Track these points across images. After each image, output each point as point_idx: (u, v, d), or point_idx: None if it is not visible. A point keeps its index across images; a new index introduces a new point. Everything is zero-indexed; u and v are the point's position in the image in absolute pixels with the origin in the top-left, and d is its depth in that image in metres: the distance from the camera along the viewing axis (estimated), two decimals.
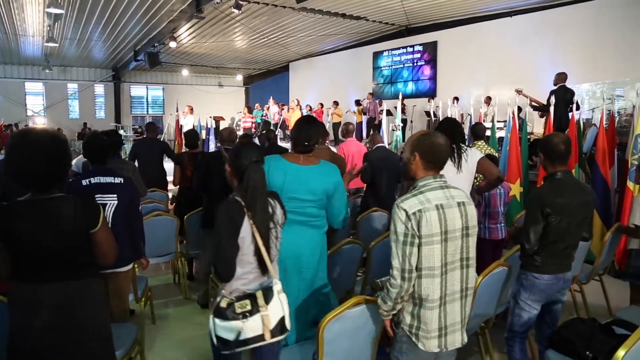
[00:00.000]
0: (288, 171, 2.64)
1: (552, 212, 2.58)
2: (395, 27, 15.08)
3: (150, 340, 3.73)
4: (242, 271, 2.14)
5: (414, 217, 1.96)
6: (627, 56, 9.12)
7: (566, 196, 2.62)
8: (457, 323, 2.08)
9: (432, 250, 1.97)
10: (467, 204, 2.08)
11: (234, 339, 2.04)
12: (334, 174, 2.78)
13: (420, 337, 2.04)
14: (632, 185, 4.69)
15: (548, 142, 2.74)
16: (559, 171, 2.69)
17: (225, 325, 2.04)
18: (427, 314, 2.02)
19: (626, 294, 3.94)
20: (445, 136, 2.13)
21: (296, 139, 2.75)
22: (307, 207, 2.68)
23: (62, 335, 2.01)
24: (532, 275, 2.71)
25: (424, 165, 2.10)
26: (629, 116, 7.66)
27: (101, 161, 3.14)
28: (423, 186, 2.06)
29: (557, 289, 2.76)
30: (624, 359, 1.94)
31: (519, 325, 2.81)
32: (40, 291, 1.98)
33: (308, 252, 2.72)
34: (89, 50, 16.78)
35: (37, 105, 20.33)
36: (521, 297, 2.77)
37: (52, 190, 2.01)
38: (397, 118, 9.56)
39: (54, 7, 9.55)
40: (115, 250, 2.20)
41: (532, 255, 2.70)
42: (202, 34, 14.65)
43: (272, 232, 2.19)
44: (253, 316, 2.04)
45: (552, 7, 11.38)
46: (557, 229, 2.62)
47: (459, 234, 2.03)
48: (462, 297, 2.08)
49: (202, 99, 20.43)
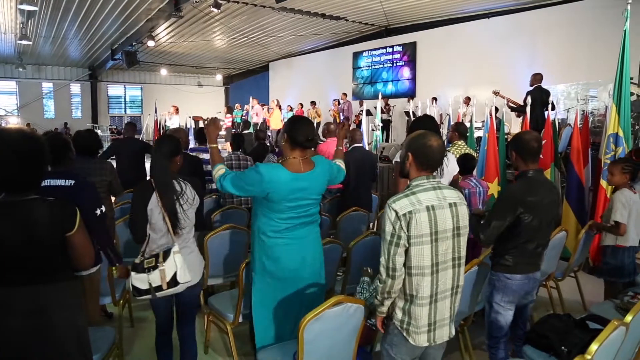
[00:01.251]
0: (292, 183, 2.60)
1: (524, 210, 2.58)
2: (375, 28, 15.17)
3: (129, 343, 3.68)
4: (155, 236, 2.66)
5: (403, 218, 1.99)
6: (600, 58, 9.33)
7: (538, 195, 2.63)
8: (446, 318, 2.14)
9: (421, 250, 2.01)
10: (458, 205, 2.12)
11: (145, 288, 2.54)
12: (328, 169, 2.84)
13: (411, 332, 2.09)
14: (605, 183, 4.80)
15: (520, 140, 2.73)
16: (531, 169, 2.69)
17: (137, 277, 2.55)
18: (418, 311, 2.07)
19: (600, 289, 4.05)
20: (440, 137, 2.14)
21: (295, 138, 2.63)
22: (310, 208, 2.75)
23: (37, 339, 1.96)
24: (504, 276, 2.71)
25: (416, 166, 2.13)
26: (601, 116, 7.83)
27: (58, 163, 2.99)
28: (416, 186, 2.09)
29: (528, 289, 2.78)
30: (596, 353, 1.99)
31: (497, 328, 2.78)
32: (13, 294, 1.93)
33: (312, 251, 2.82)
34: (65, 48, 16.43)
35: (10, 105, 19.82)
36: (495, 299, 2.76)
37: (27, 192, 1.96)
38: (377, 118, 9.61)
39: (27, 3, 9.35)
40: (92, 254, 2.15)
41: (504, 256, 2.70)
42: (181, 33, 14.50)
43: (181, 207, 2.63)
44: (155, 271, 2.52)
45: (528, 9, 11.59)
46: (528, 227, 2.62)
47: (450, 234, 2.07)
48: (452, 295, 2.14)
49: (181, 98, 20.20)
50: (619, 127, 4.82)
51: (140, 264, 2.58)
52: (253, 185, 2.58)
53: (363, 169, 4.94)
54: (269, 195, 2.59)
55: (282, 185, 2.57)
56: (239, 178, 2.64)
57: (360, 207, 4.67)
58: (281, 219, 2.66)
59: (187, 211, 2.67)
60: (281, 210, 2.64)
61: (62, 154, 3.06)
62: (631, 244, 3.72)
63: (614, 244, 3.77)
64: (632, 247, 3.74)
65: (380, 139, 9.70)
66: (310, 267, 2.81)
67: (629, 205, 3.64)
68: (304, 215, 2.71)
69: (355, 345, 2.46)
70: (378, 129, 9.39)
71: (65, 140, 3.19)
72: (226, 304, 3.33)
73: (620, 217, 3.64)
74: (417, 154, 2.11)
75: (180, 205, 2.63)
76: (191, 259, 2.72)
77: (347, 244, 3.55)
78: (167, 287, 2.54)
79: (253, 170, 2.60)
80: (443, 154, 2.14)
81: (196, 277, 2.76)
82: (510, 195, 2.69)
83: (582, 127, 5.67)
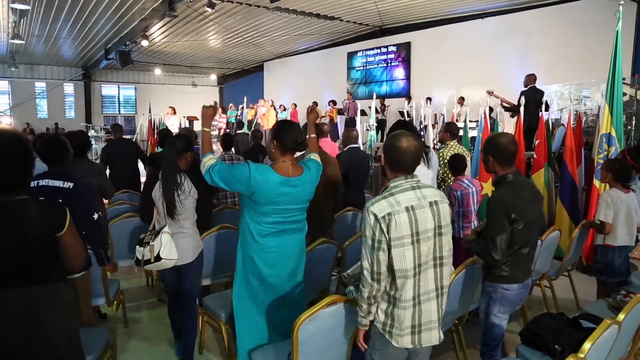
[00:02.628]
0: (279, 186, 2.59)
1: (516, 216, 2.47)
2: (370, 28, 15.18)
3: (123, 344, 3.66)
4: (159, 218, 3.07)
5: (383, 221, 1.94)
6: (593, 58, 9.39)
7: (524, 198, 2.54)
8: (433, 321, 2.08)
9: (403, 252, 1.95)
10: (439, 203, 2.05)
11: (141, 259, 2.97)
12: (316, 176, 2.81)
13: (394, 334, 2.04)
14: (599, 183, 4.83)
15: (497, 144, 2.60)
16: (510, 173, 2.58)
17: (138, 249, 3.00)
18: (401, 313, 2.02)
19: (593, 288, 4.07)
20: (416, 139, 2.05)
21: (284, 143, 2.63)
22: (296, 214, 2.73)
23: (28, 341, 1.94)
24: (502, 287, 2.60)
25: (389, 167, 2.09)
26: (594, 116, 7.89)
27: (55, 163, 3.04)
28: (394, 187, 2.03)
29: (522, 296, 2.74)
30: (589, 351, 2.00)
31: (493, 339, 2.73)
32: (4, 296, 1.92)
33: (296, 257, 2.82)
34: (58, 48, 16.31)
35: (3, 105, 19.66)
36: (492, 311, 2.66)
37: (16, 192, 1.94)
38: (371, 118, 9.63)
39: (19, 2, 9.26)
40: (83, 255, 2.14)
41: (500, 267, 2.56)
42: (175, 33, 14.44)
43: (178, 197, 2.95)
44: (147, 246, 2.93)
45: (521, 9, 11.63)
46: (521, 233, 2.52)
47: (431, 234, 2.01)
48: (437, 296, 2.08)
49: (175, 98, 20.11)
50: (612, 127, 4.86)
51: (142, 239, 3.00)
52: (240, 181, 2.57)
53: (358, 170, 4.94)
54: (254, 195, 2.58)
55: (268, 187, 2.56)
56: (228, 171, 2.62)
57: (354, 207, 4.67)
58: (267, 222, 2.65)
59: (183, 200, 2.98)
60: (266, 212, 2.63)
61: (60, 154, 3.08)
62: (621, 243, 3.73)
63: (602, 243, 3.79)
64: (623, 246, 3.75)
65: (375, 139, 9.71)
66: (292, 276, 2.82)
67: (615, 204, 3.66)
68: (290, 221, 2.71)
69: (349, 345, 2.45)
70: (372, 129, 9.40)
71: (63, 141, 3.20)
72: (220, 304, 3.33)
73: (604, 217, 3.67)
74: (387, 155, 2.07)
75: (178, 195, 2.95)
76: (184, 242, 3.04)
77: (342, 244, 3.55)
78: (154, 261, 2.91)
79: (244, 165, 2.59)
80: (415, 156, 2.04)
81: (187, 258, 3.07)
82: (499, 205, 2.52)
83: (575, 127, 5.70)
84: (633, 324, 2.55)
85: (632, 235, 3.76)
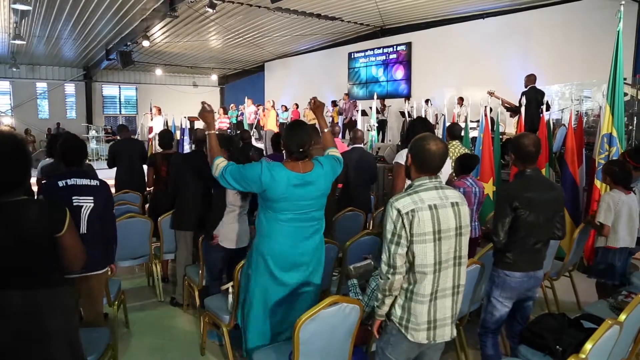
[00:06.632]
0: (290, 180, 2.61)
1: (520, 205, 2.65)
2: (370, 28, 15.17)
3: (124, 344, 3.66)
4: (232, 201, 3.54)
5: (406, 217, 2.01)
6: (594, 58, 9.37)
7: (534, 191, 2.69)
8: (447, 317, 2.14)
9: (424, 248, 2.03)
10: (460, 204, 2.13)
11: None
12: (331, 171, 2.81)
13: (410, 329, 2.10)
14: (600, 183, 4.82)
15: (518, 144, 2.80)
16: (529, 168, 2.76)
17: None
18: (418, 308, 2.08)
19: (594, 289, 4.06)
20: (442, 142, 2.14)
21: (289, 147, 2.68)
22: (311, 210, 2.73)
23: (29, 343, 1.95)
24: (504, 273, 2.78)
25: (415, 168, 2.15)
26: (596, 117, 7.87)
27: (78, 163, 3.08)
28: (418, 186, 2.11)
29: (528, 286, 2.82)
30: (591, 352, 2.00)
31: (492, 322, 2.88)
32: (5, 297, 1.92)
33: (312, 258, 2.81)
34: (59, 48, 16.34)
35: (4, 105, 19.69)
36: (493, 294, 2.84)
37: (15, 193, 1.94)
38: (372, 118, 9.63)
39: (20, 3, 9.25)
40: (83, 255, 2.14)
41: (504, 253, 2.75)
42: (176, 33, 14.44)
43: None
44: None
45: (522, 10, 11.62)
46: (525, 222, 2.68)
47: (453, 233, 2.08)
48: (454, 294, 2.15)
49: (176, 99, 20.14)
50: (613, 127, 4.85)
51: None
52: (252, 179, 2.60)
53: (362, 170, 4.93)
54: (267, 192, 2.60)
55: (279, 184, 2.58)
56: (240, 172, 2.64)
57: (358, 207, 4.66)
58: (282, 220, 2.67)
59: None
60: (280, 209, 2.65)
61: (81, 155, 3.13)
62: (622, 245, 3.73)
63: (604, 245, 3.78)
64: (623, 248, 3.74)
65: (376, 139, 9.72)
66: (306, 278, 2.82)
67: (616, 206, 3.66)
68: (305, 218, 2.71)
69: (350, 345, 2.46)
70: (373, 129, 9.40)
71: (82, 141, 3.27)
72: (222, 306, 3.33)
73: (603, 219, 3.67)
74: (415, 156, 2.14)
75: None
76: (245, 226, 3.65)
77: (343, 244, 3.55)
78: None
79: (256, 164, 2.63)
80: (442, 158, 2.13)
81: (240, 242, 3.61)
82: (504, 192, 2.83)
83: (577, 127, 5.70)
84: (634, 325, 2.55)
85: (633, 236, 3.76)
